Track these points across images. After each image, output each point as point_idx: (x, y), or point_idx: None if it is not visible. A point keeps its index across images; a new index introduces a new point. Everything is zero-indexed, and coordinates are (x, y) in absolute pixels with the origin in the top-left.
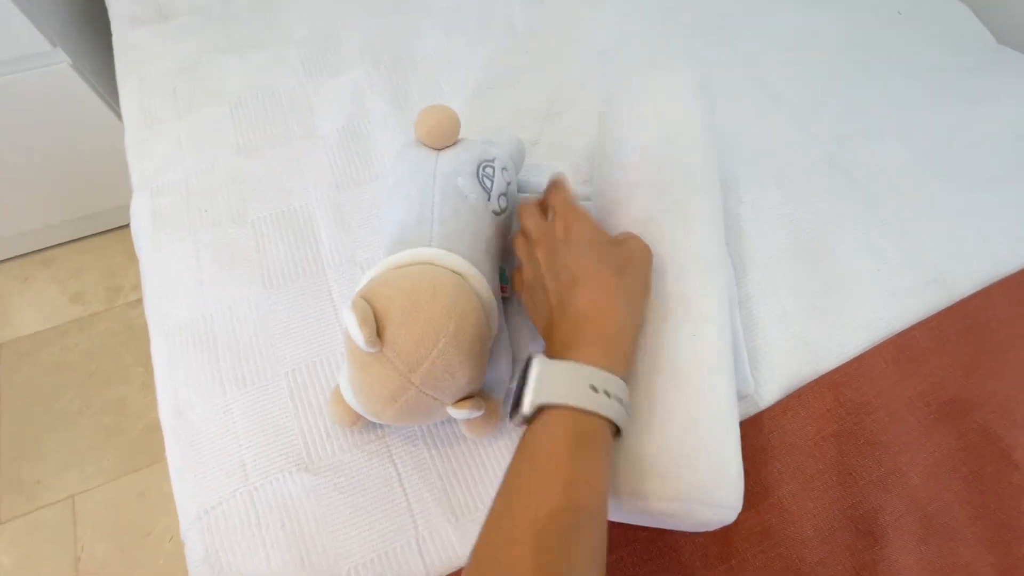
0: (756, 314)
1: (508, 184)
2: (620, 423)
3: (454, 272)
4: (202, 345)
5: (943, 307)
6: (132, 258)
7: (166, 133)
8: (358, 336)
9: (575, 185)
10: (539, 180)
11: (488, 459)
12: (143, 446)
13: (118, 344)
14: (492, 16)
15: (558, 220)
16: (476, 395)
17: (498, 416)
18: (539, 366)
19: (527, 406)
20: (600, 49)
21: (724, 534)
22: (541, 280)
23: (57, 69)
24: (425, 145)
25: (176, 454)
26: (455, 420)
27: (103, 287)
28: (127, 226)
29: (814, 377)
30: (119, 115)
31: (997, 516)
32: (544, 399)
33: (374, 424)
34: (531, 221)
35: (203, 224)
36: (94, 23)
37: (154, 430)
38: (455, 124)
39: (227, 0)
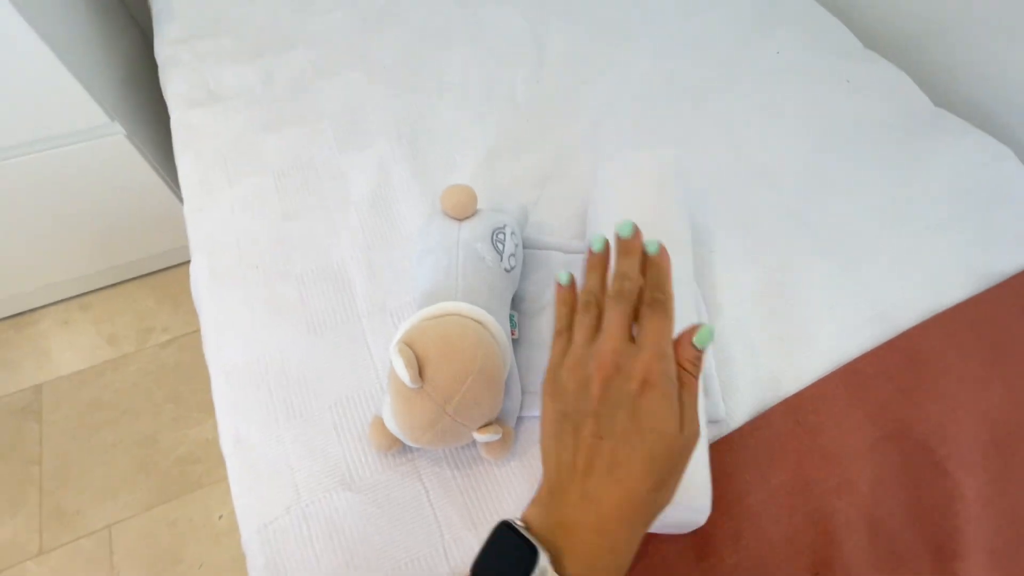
0: (729, 351)
1: (516, 246)
2: None
3: (477, 321)
4: (257, 383)
5: (887, 339)
6: (161, 302)
7: (219, 201)
8: (404, 375)
9: (569, 239)
10: (538, 237)
11: (502, 477)
12: (174, 478)
13: (150, 383)
14: (496, 92)
15: (642, 365)
16: (495, 422)
17: (511, 440)
18: (544, 562)
19: None
20: (592, 119)
21: (702, 537)
22: (578, 411)
23: (114, 140)
24: (449, 216)
25: (237, 477)
26: (476, 444)
27: (135, 329)
28: (155, 273)
29: (776, 401)
30: (162, 176)
31: (932, 517)
32: None
33: (405, 448)
34: (615, 328)
35: (254, 279)
36: (143, 97)
37: (185, 462)
38: (473, 199)
39: (268, 83)
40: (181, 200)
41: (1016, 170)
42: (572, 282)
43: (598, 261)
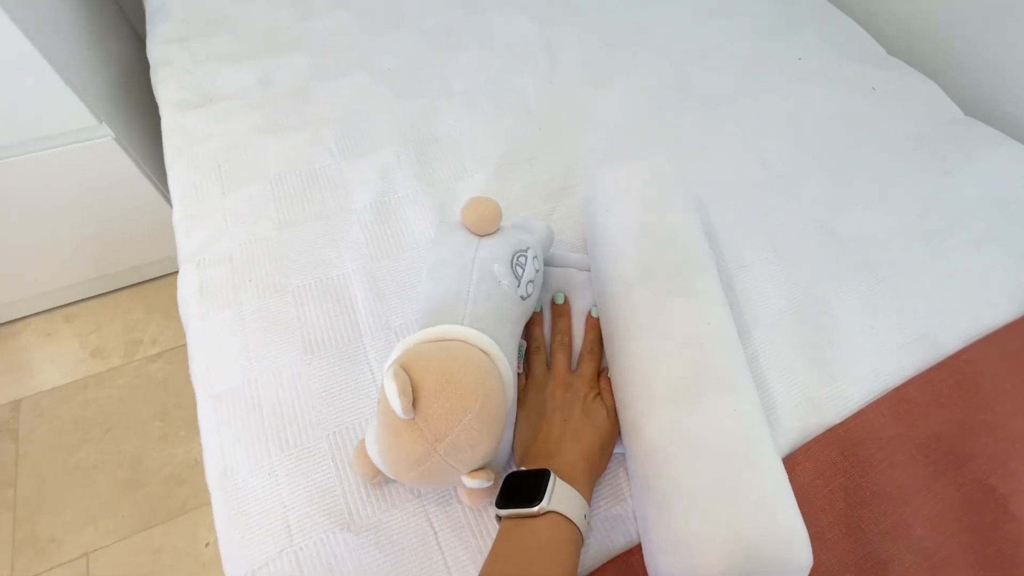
0: (763, 371)
1: (536, 271)
2: (586, 543)
3: (483, 352)
4: (248, 409)
5: (934, 362)
6: (151, 313)
7: (212, 209)
8: (396, 404)
9: (578, 252)
10: (563, 255)
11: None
12: (159, 501)
13: (137, 398)
14: (507, 96)
15: (586, 382)
16: (487, 467)
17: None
18: (558, 482)
19: (544, 505)
20: (607, 127)
21: None
22: (544, 407)
23: (102, 143)
24: (469, 231)
25: (223, 516)
26: (458, 487)
27: (123, 341)
28: (146, 282)
29: (819, 431)
30: (153, 182)
31: (998, 563)
32: (558, 507)
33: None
34: (561, 366)
35: (247, 294)
36: (135, 100)
37: (171, 484)
38: (498, 215)
39: (266, 84)
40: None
41: None
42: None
43: (539, 319)
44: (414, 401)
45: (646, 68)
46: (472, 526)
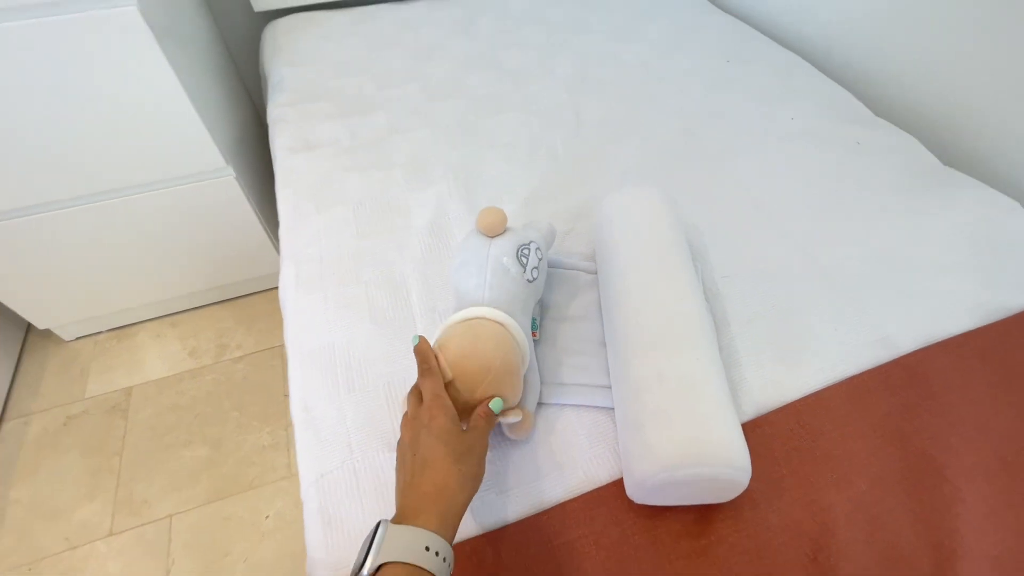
0: (737, 356)
1: (540, 260)
2: (448, 564)
3: (499, 324)
4: (326, 364)
5: (891, 360)
6: (239, 323)
7: (308, 224)
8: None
9: (589, 262)
10: (567, 260)
11: (522, 454)
12: (232, 478)
13: (221, 392)
14: (540, 148)
15: (425, 409)
16: (516, 407)
17: (532, 422)
18: (384, 530)
19: (369, 566)
20: (620, 172)
21: (704, 517)
22: (404, 451)
23: (226, 181)
24: (482, 234)
25: (303, 437)
26: (502, 426)
27: (214, 345)
28: (236, 298)
29: (781, 405)
30: (257, 214)
31: (932, 518)
32: (385, 558)
33: None
34: (410, 406)
35: (330, 283)
36: (249, 155)
37: (242, 464)
38: (503, 220)
39: (353, 136)
40: (271, 236)
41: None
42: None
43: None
44: (453, 367)
45: (658, 127)
46: (490, 456)
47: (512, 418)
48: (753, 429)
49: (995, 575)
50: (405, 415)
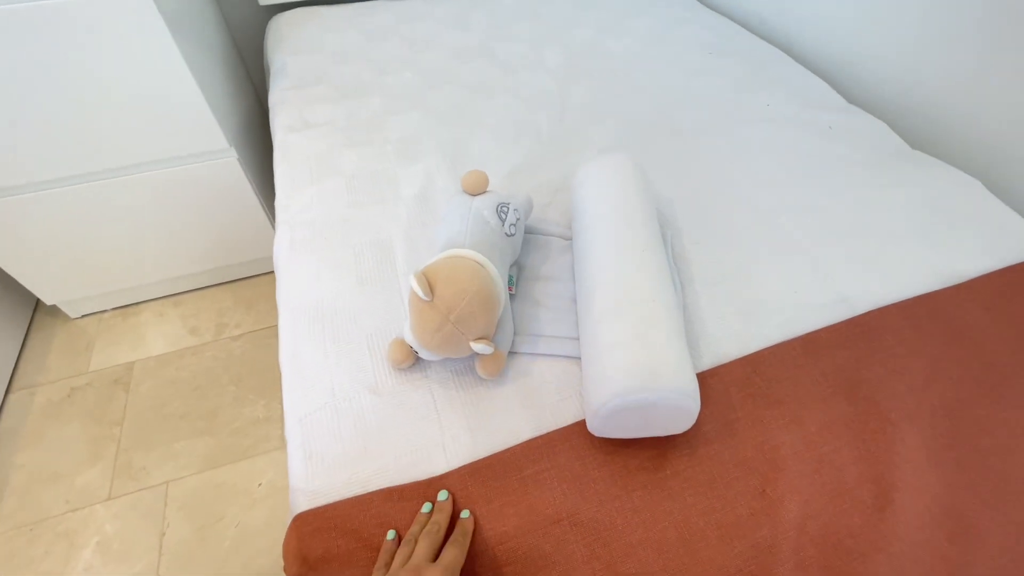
0: (700, 312)
1: (517, 219)
2: None
3: (477, 261)
4: (313, 317)
5: (846, 319)
6: (238, 303)
7: (304, 193)
8: (419, 291)
9: (565, 230)
10: (544, 227)
11: (493, 398)
12: (226, 448)
13: (219, 368)
14: (525, 128)
15: (433, 572)
16: (489, 338)
17: (502, 361)
18: None
19: None
20: (600, 147)
21: (660, 451)
22: None
23: (228, 162)
24: (467, 193)
25: (288, 380)
26: (473, 359)
27: (214, 323)
28: (236, 280)
29: (740, 356)
30: (258, 196)
31: (874, 457)
32: None
33: (419, 365)
34: (418, 556)
35: (322, 247)
36: (251, 141)
37: (237, 436)
38: (485, 180)
39: (349, 116)
40: (271, 219)
41: (982, 196)
42: (396, 536)
43: (424, 518)
44: (431, 289)
45: (637, 110)
46: (463, 400)
47: (484, 347)
48: (712, 376)
49: (934, 508)
50: (394, 564)
